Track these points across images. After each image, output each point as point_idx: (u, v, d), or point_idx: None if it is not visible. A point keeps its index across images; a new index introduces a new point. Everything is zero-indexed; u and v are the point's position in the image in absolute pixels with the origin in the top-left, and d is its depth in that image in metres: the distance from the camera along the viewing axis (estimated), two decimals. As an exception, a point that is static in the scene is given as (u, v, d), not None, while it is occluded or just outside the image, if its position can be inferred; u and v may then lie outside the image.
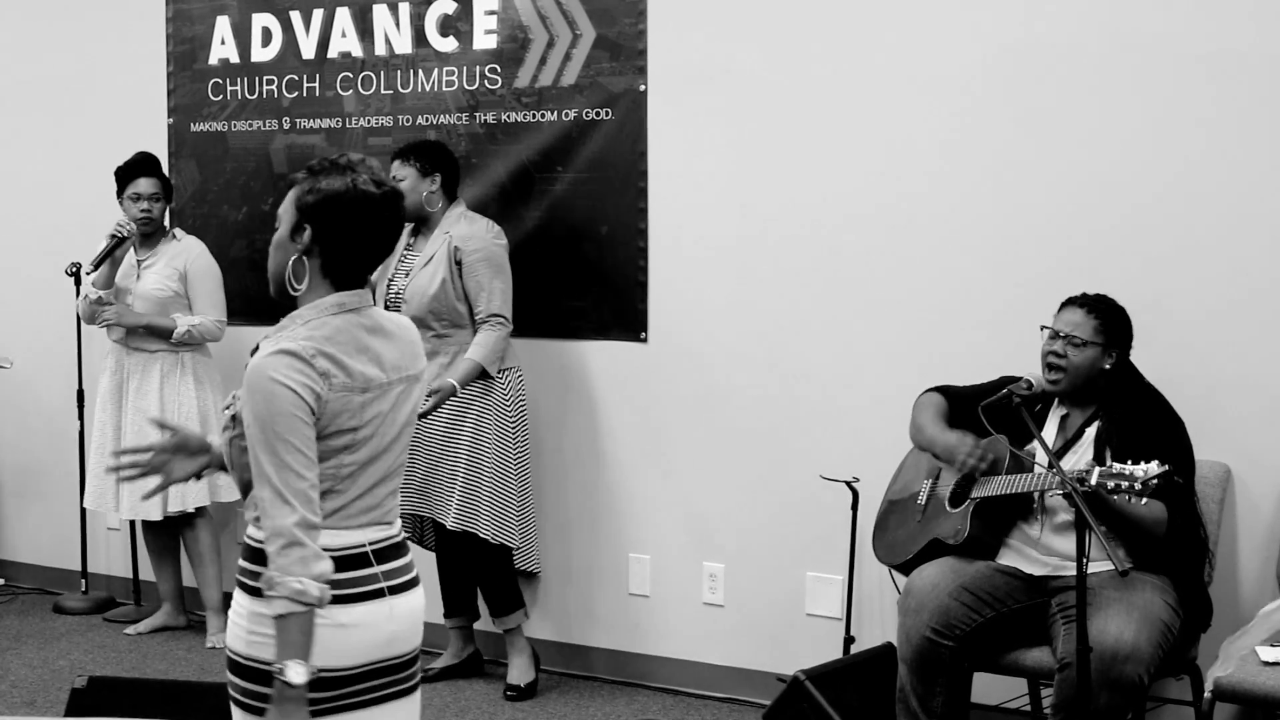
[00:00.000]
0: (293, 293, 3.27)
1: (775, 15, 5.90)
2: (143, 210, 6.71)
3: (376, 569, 3.25)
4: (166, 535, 7.00)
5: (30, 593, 7.78)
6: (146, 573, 7.35)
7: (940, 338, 5.63)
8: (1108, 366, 4.84)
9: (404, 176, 6.02)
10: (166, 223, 6.89)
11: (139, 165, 6.78)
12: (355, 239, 3.26)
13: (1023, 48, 5.45)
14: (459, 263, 5.97)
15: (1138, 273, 5.26)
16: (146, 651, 6.77)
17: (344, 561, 3.20)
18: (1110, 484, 4.30)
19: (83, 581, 7.57)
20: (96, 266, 6.73)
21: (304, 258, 3.25)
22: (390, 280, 6.11)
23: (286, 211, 3.28)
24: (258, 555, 3.19)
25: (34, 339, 7.66)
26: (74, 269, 7.22)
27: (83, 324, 7.14)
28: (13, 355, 7.10)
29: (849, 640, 5.67)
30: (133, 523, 7.29)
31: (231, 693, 3.27)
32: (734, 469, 6.09)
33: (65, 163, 7.61)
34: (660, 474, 6.24)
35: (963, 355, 5.48)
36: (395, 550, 3.32)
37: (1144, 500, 4.32)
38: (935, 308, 5.65)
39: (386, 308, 5.86)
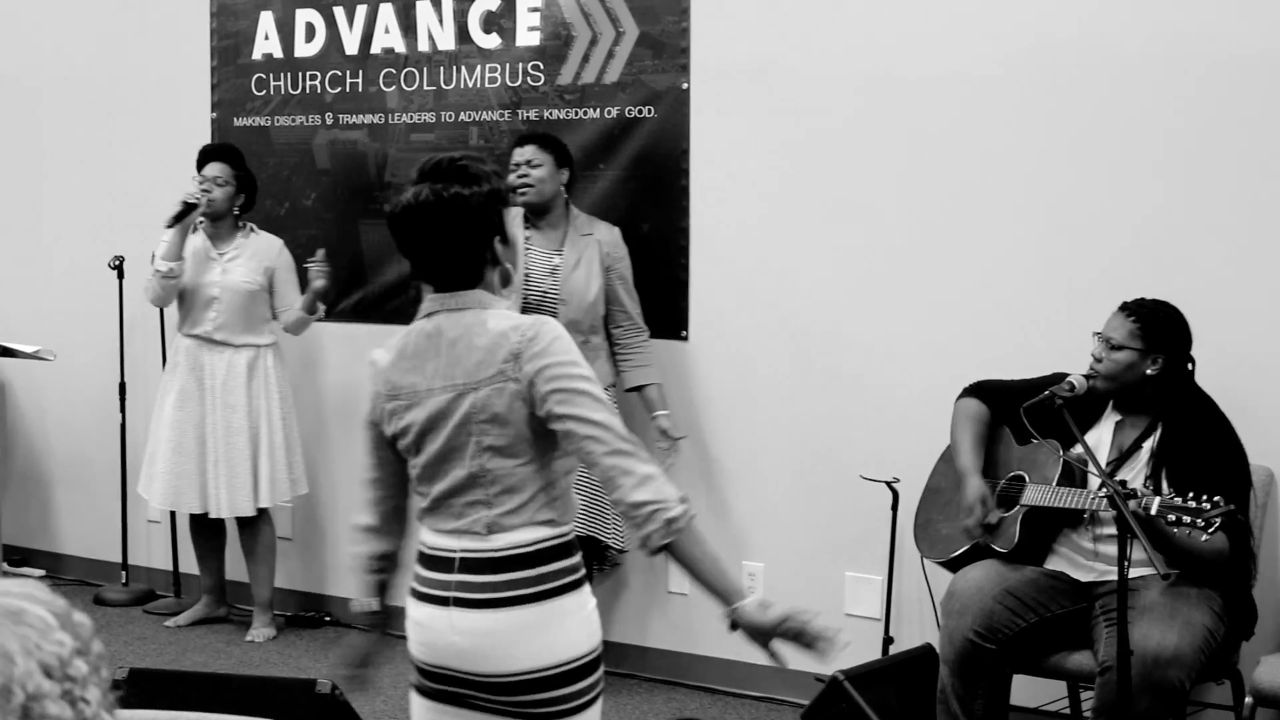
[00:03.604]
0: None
1: (818, 12, 5.89)
2: (202, 189, 6.70)
3: (454, 577, 3.19)
4: (213, 529, 7.02)
5: (71, 584, 7.81)
6: (187, 565, 7.38)
7: (983, 338, 5.61)
8: (1150, 372, 4.77)
9: (541, 163, 5.99)
10: (233, 212, 6.82)
11: (211, 150, 6.82)
12: (405, 252, 3.30)
13: (1075, 43, 5.43)
14: (607, 269, 5.99)
15: (1184, 275, 5.23)
16: (186, 644, 6.79)
17: (429, 561, 3.24)
18: (1171, 516, 4.27)
19: (123, 574, 7.61)
20: (171, 225, 6.64)
21: None
22: (528, 279, 5.95)
23: None
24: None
25: (78, 332, 7.69)
26: (117, 262, 7.25)
27: (127, 313, 7.17)
28: (56, 348, 7.12)
29: (888, 641, 5.65)
30: (173, 516, 7.31)
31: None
32: (774, 468, 6.08)
33: (109, 157, 7.64)
34: (700, 473, 6.23)
35: (1005, 356, 5.46)
36: (492, 565, 3.17)
37: (1204, 538, 4.27)
38: (978, 308, 5.64)
39: (529, 307, 5.76)
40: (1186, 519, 4.24)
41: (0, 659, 1.77)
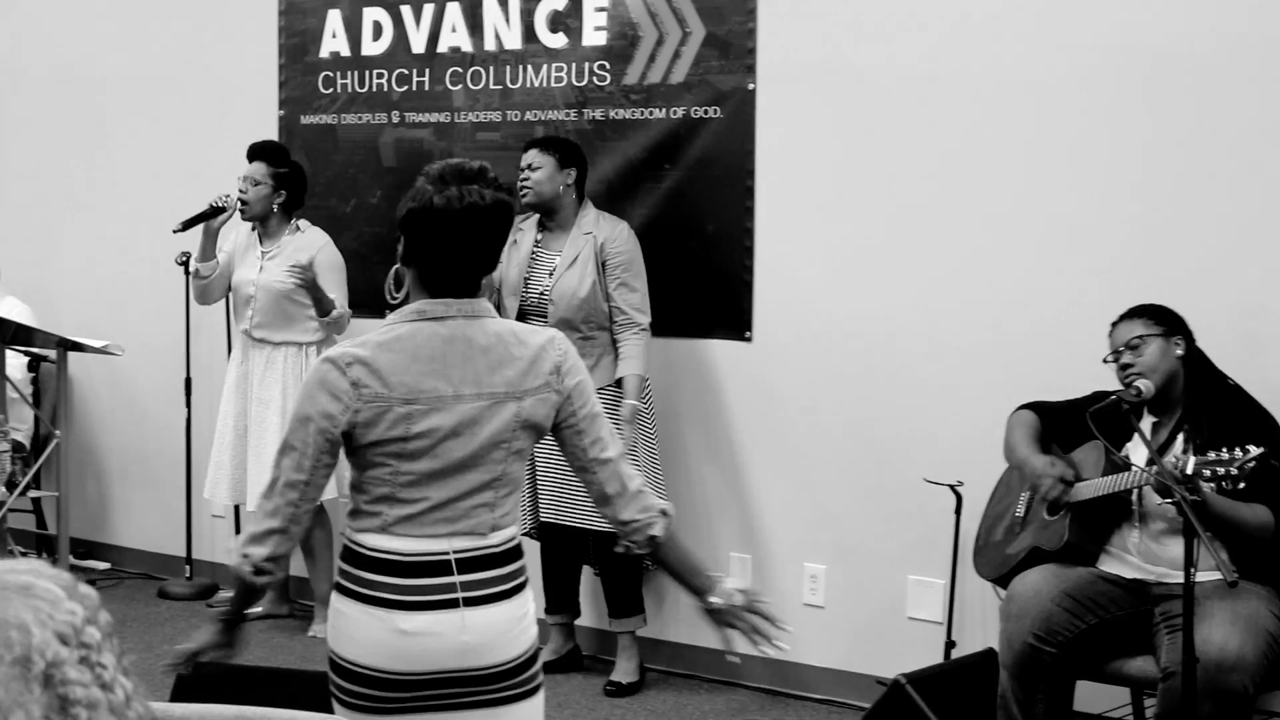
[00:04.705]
0: (390, 300, 3.34)
1: (885, 14, 5.87)
2: (240, 191, 6.77)
3: (456, 578, 3.22)
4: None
5: (135, 578, 7.88)
6: (250, 561, 7.40)
7: (1048, 342, 5.59)
8: (1180, 353, 4.80)
9: (541, 165, 6.04)
10: (274, 211, 6.85)
11: (254, 150, 6.84)
12: (439, 253, 3.26)
13: (1142, 52, 5.39)
14: (603, 263, 5.98)
15: (1244, 281, 5.22)
16: (248, 639, 6.81)
17: (421, 568, 3.22)
18: (1208, 471, 4.28)
19: (187, 568, 7.65)
20: (183, 228, 6.79)
21: (403, 266, 3.33)
22: (527, 280, 6.08)
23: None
24: (351, 555, 3.28)
25: (144, 327, 7.74)
26: (184, 258, 7.29)
27: (193, 309, 7.25)
28: (124, 343, 7.16)
29: (950, 645, 5.63)
30: (237, 510, 7.35)
31: (330, 688, 3.32)
32: (836, 470, 6.06)
33: (176, 154, 7.69)
34: (762, 474, 6.22)
35: (1069, 361, 5.42)
36: (491, 560, 3.27)
37: (1241, 484, 4.27)
38: (1043, 312, 5.61)
39: (523, 313, 5.91)
40: (1221, 470, 4.26)
41: (16, 630, 1.79)
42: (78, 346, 6.95)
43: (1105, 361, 4.87)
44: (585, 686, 6.21)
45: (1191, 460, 4.32)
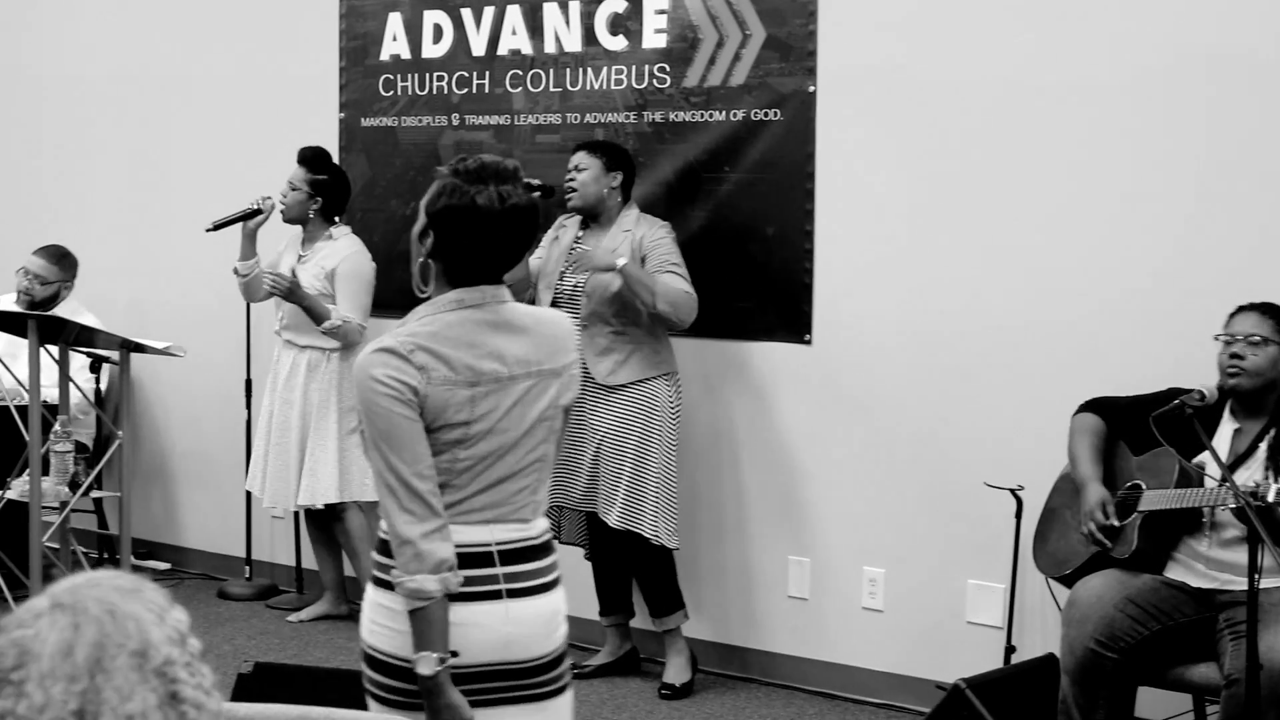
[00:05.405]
0: (419, 294, 3.34)
1: (947, 17, 5.85)
2: (281, 195, 6.87)
3: (499, 570, 3.25)
4: (323, 524, 7.08)
5: (195, 578, 7.92)
6: (309, 561, 7.44)
7: (1109, 346, 5.56)
8: None
9: (587, 167, 6.08)
10: (310, 216, 6.92)
11: (299, 155, 6.90)
12: (476, 250, 3.28)
13: (1205, 54, 5.36)
14: (643, 259, 5.98)
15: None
16: (308, 639, 6.86)
17: (462, 559, 3.21)
18: None
19: (247, 568, 7.69)
20: (215, 228, 6.94)
21: (429, 261, 3.31)
22: (563, 274, 6.12)
23: (421, 209, 3.33)
24: (385, 547, 3.27)
25: (206, 329, 7.78)
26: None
27: (253, 313, 7.32)
28: (185, 345, 7.20)
29: (1010, 650, 5.61)
30: (297, 516, 7.38)
31: (364, 682, 3.35)
32: (896, 473, 6.04)
33: (237, 156, 7.72)
34: (822, 477, 6.21)
35: (1130, 364, 5.40)
36: (531, 553, 3.32)
37: None
38: (1105, 315, 5.58)
39: (555, 305, 5.94)
40: None
41: (134, 623, 1.86)
42: (140, 348, 6.99)
43: (1215, 339, 4.82)
44: (643, 689, 6.21)
45: (1274, 489, 4.29)
